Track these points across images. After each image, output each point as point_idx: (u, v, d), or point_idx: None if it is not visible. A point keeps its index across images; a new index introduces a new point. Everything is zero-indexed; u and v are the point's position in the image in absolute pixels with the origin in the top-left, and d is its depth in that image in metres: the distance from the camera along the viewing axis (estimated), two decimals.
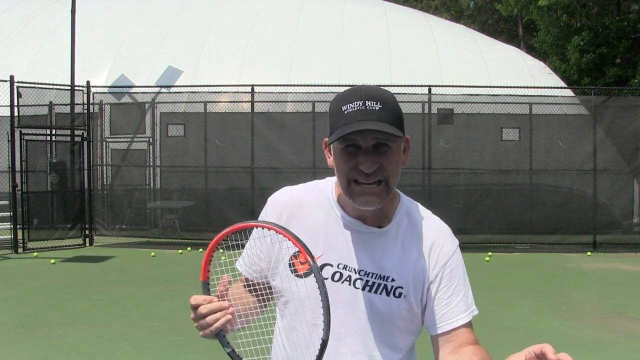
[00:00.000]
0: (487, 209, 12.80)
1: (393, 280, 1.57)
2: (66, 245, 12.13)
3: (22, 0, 19.33)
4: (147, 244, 12.57)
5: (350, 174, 1.49)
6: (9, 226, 11.78)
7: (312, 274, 1.46)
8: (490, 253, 11.59)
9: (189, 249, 11.86)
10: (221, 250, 1.59)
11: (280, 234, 1.42)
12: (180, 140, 13.24)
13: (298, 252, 1.53)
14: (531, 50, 28.29)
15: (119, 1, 18.51)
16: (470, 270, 1.74)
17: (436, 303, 1.60)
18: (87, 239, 12.67)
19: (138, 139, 13.48)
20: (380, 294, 1.56)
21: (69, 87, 12.69)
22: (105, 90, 13.73)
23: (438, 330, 1.60)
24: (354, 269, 1.56)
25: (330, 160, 1.58)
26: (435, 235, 1.63)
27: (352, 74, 14.76)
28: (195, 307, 1.46)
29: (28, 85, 11.88)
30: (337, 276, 1.57)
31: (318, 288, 1.38)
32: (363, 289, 1.56)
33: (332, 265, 1.57)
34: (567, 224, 12.64)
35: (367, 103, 1.47)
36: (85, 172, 12.77)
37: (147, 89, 13.61)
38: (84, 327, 6.48)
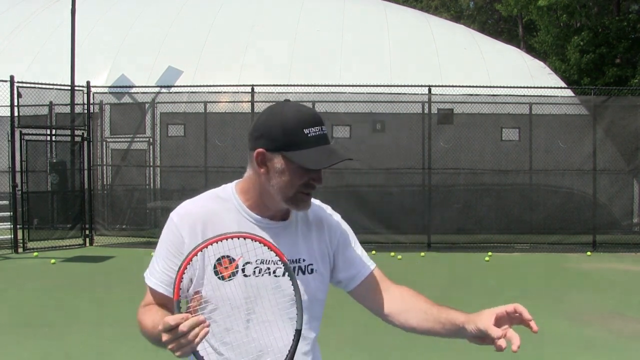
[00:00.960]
0: (487, 209, 12.80)
1: (304, 260, 1.77)
2: (66, 245, 12.13)
3: (22, 0, 19.33)
4: (147, 244, 12.55)
5: (302, 187, 1.69)
6: (9, 226, 11.78)
7: (237, 276, 1.67)
8: (490, 253, 11.58)
9: None
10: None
11: (256, 241, 1.60)
12: (180, 140, 13.24)
13: (221, 257, 1.68)
14: (531, 50, 28.28)
15: (119, 1, 18.51)
16: (470, 270, 1.77)
17: (347, 260, 1.88)
18: (87, 239, 12.68)
19: (138, 139, 13.49)
20: (298, 274, 1.74)
21: (69, 87, 12.69)
22: (105, 90, 13.73)
23: (360, 279, 1.87)
24: (271, 261, 1.70)
25: (264, 170, 1.69)
26: (323, 213, 1.88)
27: (352, 74, 14.76)
28: (173, 328, 1.45)
29: (28, 85, 11.87)
30: (257, 271, 1.71)
31: (290, 280, 1.60)
32: (283, 275, 1.70)
33: (251, 263, 1.70)
34: (567, 224, 12.63)
35: (323, 128, 1.68)
36: (85, 172, 12.77)
37: (147, 89, 13.61)
38: (84, 327, 6.48)
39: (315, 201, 1.86)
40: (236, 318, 1.68)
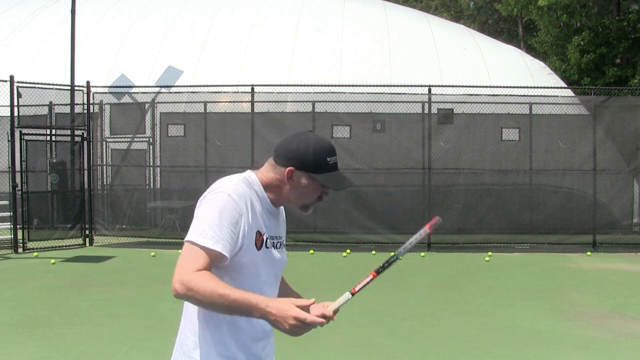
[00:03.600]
0: (487, 209, 12.79)
1: (281, 237, 2.37)
2: (66, 245, 12.13)
3: (22, 0, 19.33)
4: (147, 244, 12.57)
5: (314, 200, 2.28)
6: (9, 226, 11.77)
7: (263, 246, 2.21)
8: (490, 253, 11.58)
9: None
10: None
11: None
12: (180, 140, 13.23)
13: (257, 231, 2.19)
14: (531, 50, 28.27)
15: (119, 1, 18.51)
16: (470, 270, 1.76)
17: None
18: (87, 239, 12.66)
19: (138, 139, 13.48)
20: (279, 247, 2.33)
21: (69, 87, 12.69)
22: (105, 90, 13.72)
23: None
24: (277, 237, 2.32)
25: (290, 183, 2.22)
26: (282, 208, 2.46)
27: (352, 74, 14.76)
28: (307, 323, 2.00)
29: (28, 85, 11.87)
30: (272, 244, 2.28)
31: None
32: (281, 248, 2.35)
33: (270, 238, 2.27)
34: (567, 224, 12.63)
35: (335, 157, 2.26)
36: (85, 172, 12.76)
37: (147, 89, 13.60)
38: (84, 327, 6.48)
39: None
40: (257, 281, 2.21)
